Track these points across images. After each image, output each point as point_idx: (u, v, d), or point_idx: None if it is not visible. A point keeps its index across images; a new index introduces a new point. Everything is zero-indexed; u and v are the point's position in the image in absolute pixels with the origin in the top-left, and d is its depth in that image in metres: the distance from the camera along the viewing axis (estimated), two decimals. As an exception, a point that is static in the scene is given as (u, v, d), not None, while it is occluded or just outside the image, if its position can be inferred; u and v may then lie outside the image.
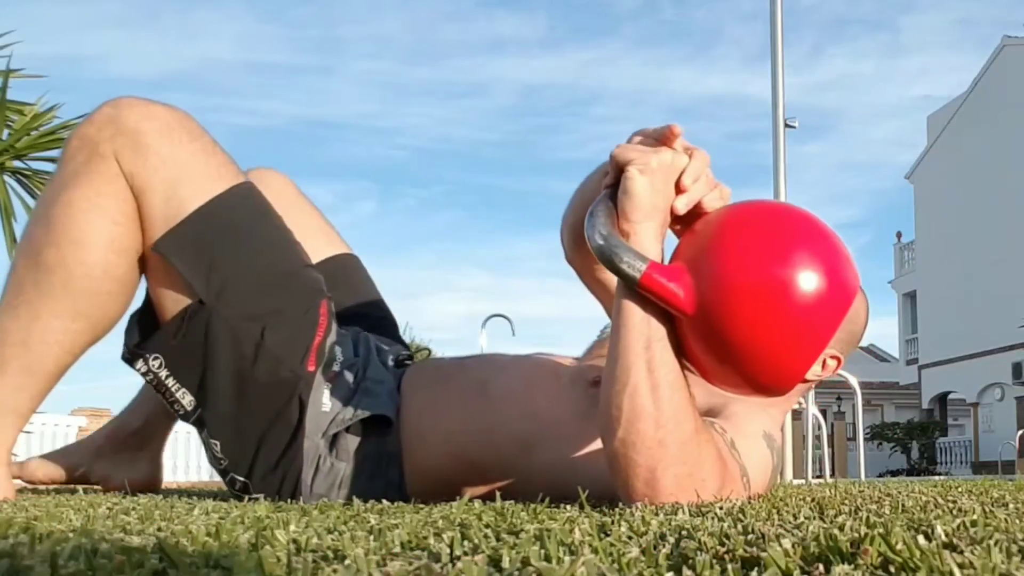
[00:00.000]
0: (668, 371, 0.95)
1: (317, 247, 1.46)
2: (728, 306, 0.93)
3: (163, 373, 1.20)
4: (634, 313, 0.96)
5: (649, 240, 0.97)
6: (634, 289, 0.95)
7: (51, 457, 1.54)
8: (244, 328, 1.17)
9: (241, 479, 1.21)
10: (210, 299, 1.15)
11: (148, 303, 1.23)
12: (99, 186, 1.14)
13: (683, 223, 1.04)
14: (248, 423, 1.18)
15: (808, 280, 0.93)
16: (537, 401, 1.23)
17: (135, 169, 1.14)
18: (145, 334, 1.22)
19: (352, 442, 1.21)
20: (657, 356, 0.95)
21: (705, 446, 0.97)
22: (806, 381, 1.12)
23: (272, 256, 1.24)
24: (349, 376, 1.25)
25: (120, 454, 1.50)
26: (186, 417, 1.23)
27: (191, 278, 1.15)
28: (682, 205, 0.99)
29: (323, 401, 1.20)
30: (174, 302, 1.18)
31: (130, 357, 1.22)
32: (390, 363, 1.34)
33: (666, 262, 0.99)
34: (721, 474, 0.98)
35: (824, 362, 1.04)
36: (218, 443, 1.20)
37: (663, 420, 0.93)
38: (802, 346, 0.96)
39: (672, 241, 1.03)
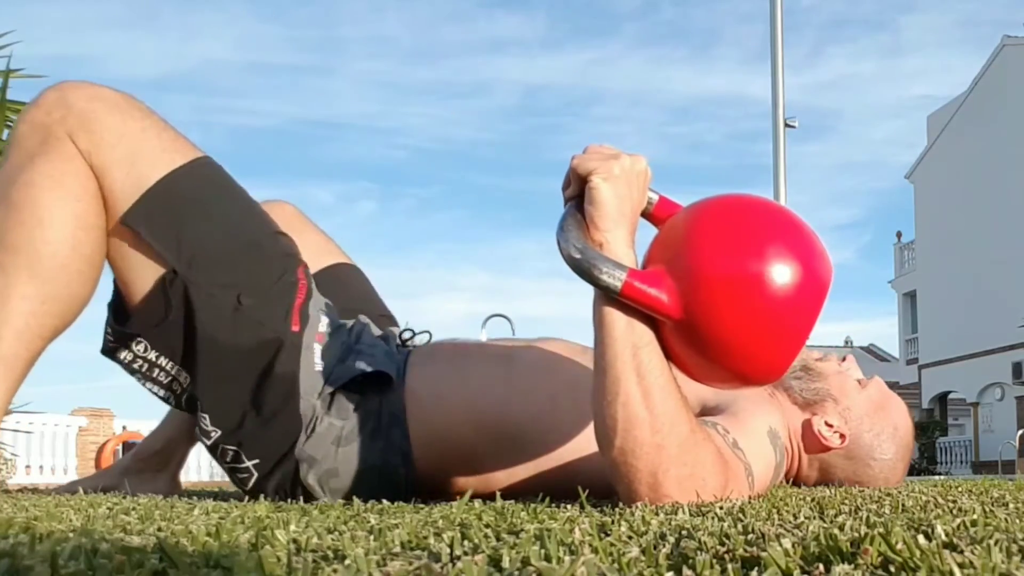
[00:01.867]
0: (658, 375, 0.95)
1: (319, 259, 1.51)
2: (713, 306, 0.94)
3: (152, 355, 1.19)
4: (617, 322, 0.96)
5: (622, 248, 0.98)
6: (614, 298, 0.95)
7: (89, 479, 1.64)
8: (220, 295, 1.16)
9: (232, 448, 1.19)
10: (182, 268, 1.15)
11: (117, 292, 1.22)
12: (59, 165, 1.12)
13: (654, 222, 1.06)
14: (236, 388, 1.18)
15: (787, 271, 0.93)
16: (563, 364, 1.26)
17: (91, 148, 1.14)
18: (121, 320, 1.20)
19: (351, 399, 1.21)
20: (645, 362, 0.95)
21: (703, 445, 0.97)
22: (824, 447, 1.32)
23: (241, 223, 1.24)
24: (340, 336, 1.25)
25: (143, 473, 1.58)
26: (179, 397, 1.22)
27: (161, 248, 1.15)
28: None
29: (315, 361, 1.20)
30: (145, 277, 1.17)
31: (113, 346, 1.21)
32: (392, 339, 1.35)
33: (639, 265, 1.00)
34: (722, 472, 0.99)
35: (838, 434, 1.31)
36: (207, 416, 1.19)
37: (659, 424, 0.94)
38: (787, 337, 0.96)
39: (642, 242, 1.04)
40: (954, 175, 20.06)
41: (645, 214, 1.06)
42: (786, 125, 3.94)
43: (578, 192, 1.00)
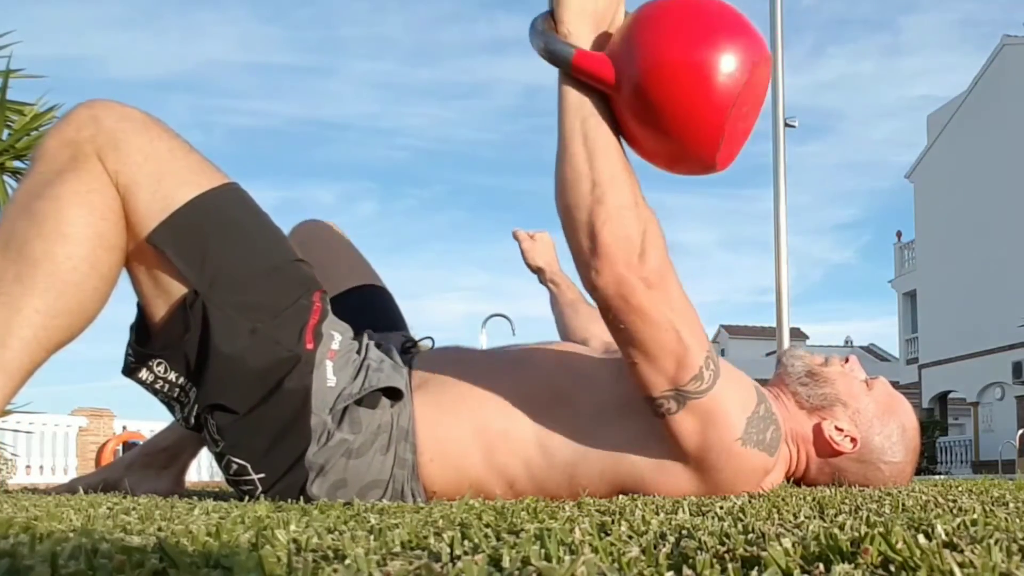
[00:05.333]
0: (603, 141, 1.10)
1: (348, 278, 1.56)
2: (647, 72, 1.07)
3: (172, 376, 1.20)
4: (570, 94, 1.12)
5: (583, 39, 1.11)
6: (569, 75, 1.11)
7: (93, 474, 1.65)
8: (237, 316, 1.17)
9: (238, 461, 1.20)
10: (203, 288, 1.16)
11: (140, 313, 1.23)
12: (88, 182, 1.13)
13: None
14: (247, 404, 1.18)
15: (715, 39, 1.07)
16: (565, 370, 1.28)
17: (119, 167, 1.15)
18: (142, 341, 1.21)
19: (362, 415, 1.22)
20: (592, 129, 1.10)
21: (647, 223, 1.09)
22: (835, 451, 1.33)
23: (264, 249, 1.25)
24: (351, 353, 1.26)
25: (149, 468, 1.59)
26: (188, 412, 1.22)
27: (185, 268, 1.15)
28: None
29: (327, 377, 1.21)
30: (167, 297, 1.18)
31: (134, 366, 1.22)
32: (394, 350, 1.35)
33: None
34: (666, 268, 1.09)
35: (849, 438, 1.32)
36: (215, 424, 1.19)
37: (599, 181, 1.08)
38: (713, 98, 1.06)
39: None
40: (954, 175, 20.05)
41: None
42: (786, 125, 3.93)
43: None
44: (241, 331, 1.17)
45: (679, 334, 1.09)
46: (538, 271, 1.95)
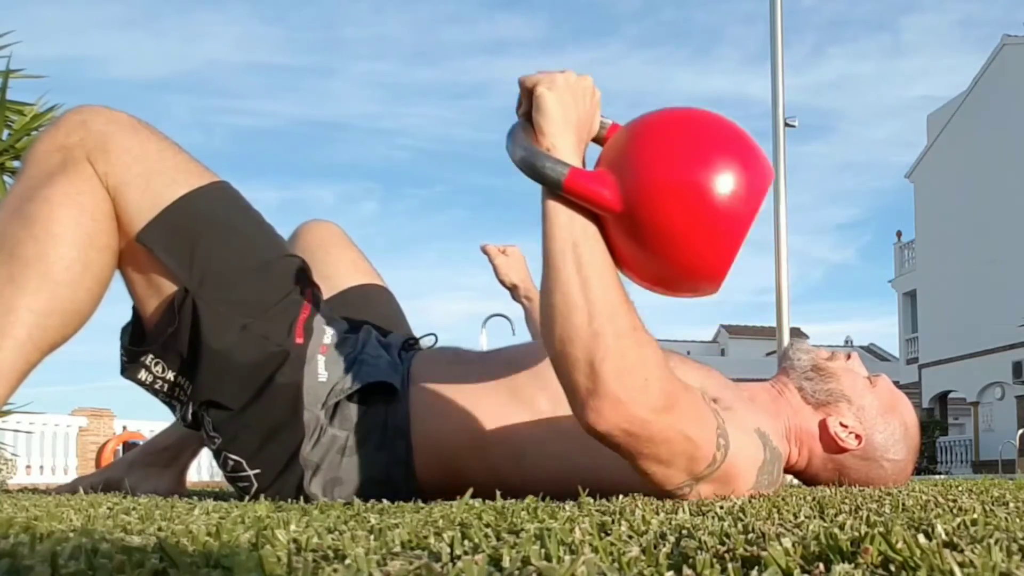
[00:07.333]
0: (597, 267, 0.99)
1: (349, 277, 1.56)
2: (653, 199, 0.97)
3: (170, 375, 1.21)
4: (559, 215, 1.00)
5: (568, 152, 1.01)
6: (557, 194, 1.00)
7: (95, 474, 1.67)
8: (227, 312, 1.18)
9: (234, 458, 1.21)
10: (193, 286, 1.17)
11: (135, 316, 1.24)
12: (78, 184, 1.14)
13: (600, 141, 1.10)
14: (240, 400, 1.19)
15: (726, 168, 0.98)
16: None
17: (109, 169, 1.16)
18: (137, 341, 1.22)
19: (354, 411, 1.22)
20: (586, 254, 0.99)
21: (647, 347, 0.99)
22: (840, 448, 1.31)
23: (253, 244, 1.26)
24: (345, 348, 1.26)
25: (150, 468, 1.61)
26: (186, 410, 1.22)
27: (174, 267, 1.17)
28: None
29: (319, 372, 1.22)
30: (159, 296, 1.19)
31: (130, 368, 1.22)
32: (395, 347, 1.35)
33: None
34: (670, 384, 1.00)
35: (854, 435, 1.31)
36: (211, 421, 1.20)
37: (595, 312, 0.97)
38: (724, 229, 0.99)
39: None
40: (954, 175, 20.06)
41: (599, 139, 1.09)
42: (786, 125, 3.93)
43: (528, 108, 1.05)
44: (231, 327, 1.18)
45: (690, 438, 1.02)
46: (512, 287, 1.92)
